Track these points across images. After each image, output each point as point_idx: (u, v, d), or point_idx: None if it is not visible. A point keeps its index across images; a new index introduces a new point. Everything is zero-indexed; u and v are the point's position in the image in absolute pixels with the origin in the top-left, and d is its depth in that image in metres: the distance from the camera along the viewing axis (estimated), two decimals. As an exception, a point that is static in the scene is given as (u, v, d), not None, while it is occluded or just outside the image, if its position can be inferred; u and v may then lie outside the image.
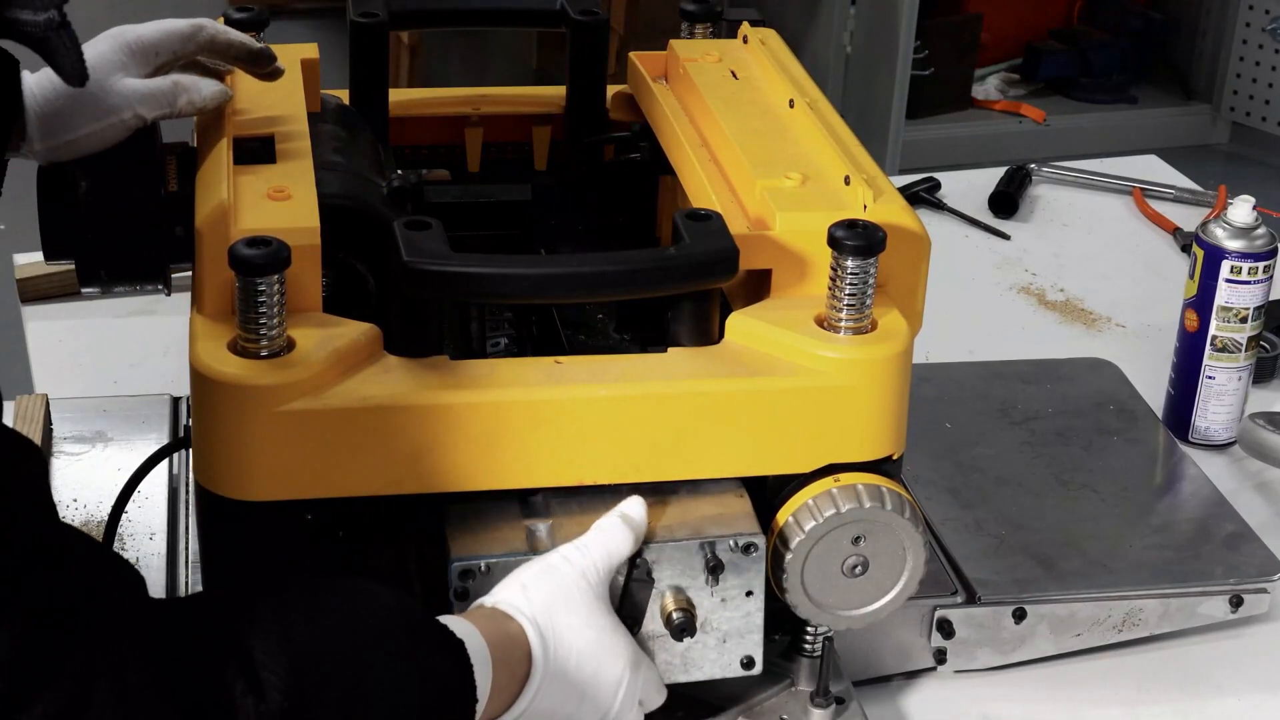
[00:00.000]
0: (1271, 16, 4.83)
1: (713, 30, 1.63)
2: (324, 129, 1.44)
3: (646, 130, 1.54)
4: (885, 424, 1.28)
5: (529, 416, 1.22)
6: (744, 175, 1.37)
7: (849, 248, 1.24)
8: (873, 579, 1.29)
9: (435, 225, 1.23)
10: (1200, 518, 1.66)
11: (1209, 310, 1.84)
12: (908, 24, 4.34)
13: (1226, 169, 4.78)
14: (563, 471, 1.25)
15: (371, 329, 1.24)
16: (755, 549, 1.26)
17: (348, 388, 1.20)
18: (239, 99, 1.42)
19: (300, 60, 1.50)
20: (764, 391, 1.25)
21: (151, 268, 1.35)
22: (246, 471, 1.21)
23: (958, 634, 1.50)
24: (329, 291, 1.28)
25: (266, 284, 1.18)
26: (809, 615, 1.29)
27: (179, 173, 1.35)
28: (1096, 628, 1.54)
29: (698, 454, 1.26)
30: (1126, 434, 1.77)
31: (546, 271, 1.28)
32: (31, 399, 1.66)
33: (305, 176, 1.31)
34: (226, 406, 1.20)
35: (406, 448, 1.21)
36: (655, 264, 1.28)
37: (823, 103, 1.47)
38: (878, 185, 1.33)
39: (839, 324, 1.27)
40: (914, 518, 1.28)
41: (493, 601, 1.19)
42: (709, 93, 1.49)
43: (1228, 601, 1.56)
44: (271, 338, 1.19)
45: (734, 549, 1.25)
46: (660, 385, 1.24)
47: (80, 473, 1.60)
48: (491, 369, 1.25)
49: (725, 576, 1.25)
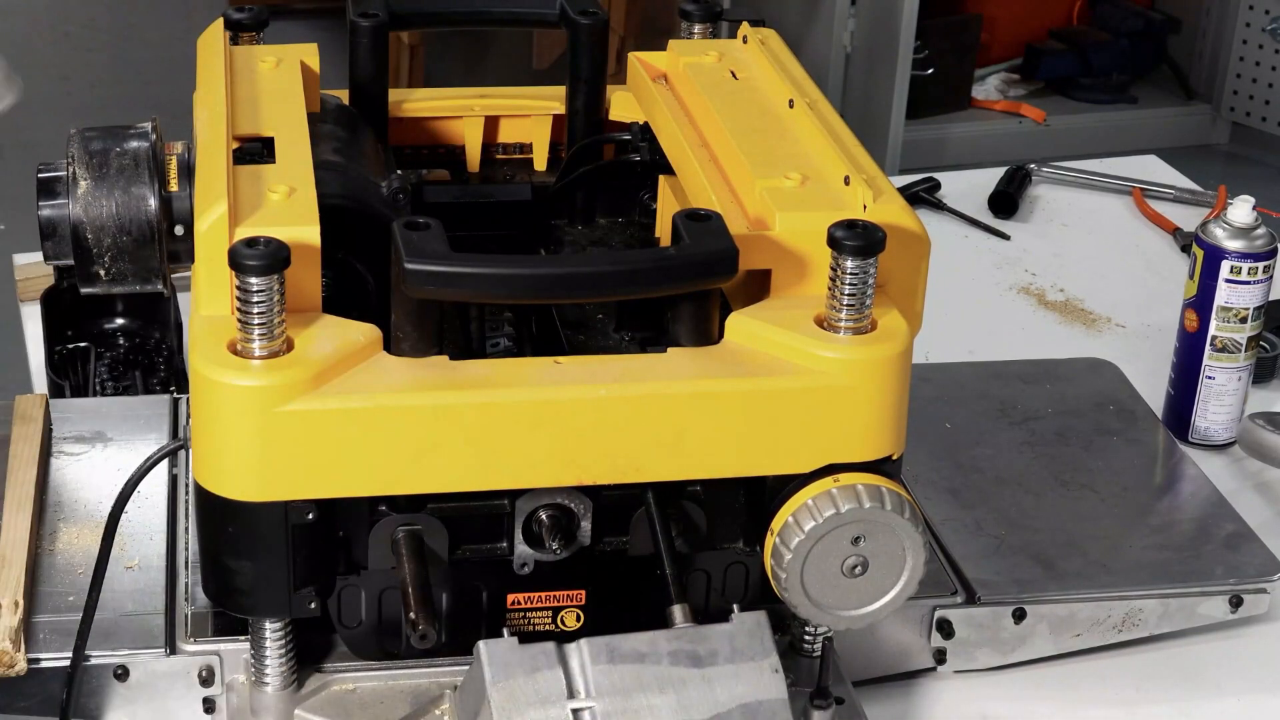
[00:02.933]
0: (1271, 16, 4.83)
1: (712, 30, 1.63)
2: (324, 129, 1.44)
3: (646, 130, 1.54)
4: (885, 424, 1.27)
5: (529, 416, 1.22)
6: (744, 175, 1.37)
7: (849, 248, 1.24)
8: (872, 579, 1.29)
9: (435, 225, 1.23)
10: (1200, 518, 1.66)
11: (1209, 310, 1.84)
12: (908, 24, 4.34)
13: (1226, 169, 4.77)
14: (562, 472, 1.25)
15: (371, 329, 1.24)
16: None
17: (347, 388, 1.20)
18: (239, 99, 1.42)
19: (300, 60, 1.50)
20: (764, 391, 1.25)
21: (151, 269, 1.35)
22: (246, 471, 1.21)
23: (957, 634, 1.50)
24: (328, 291, 1.28)
25: (266, 285, 1.18)
26: (809, 615, 1.29)
27: (179, 172, 1.35)
28: (1096, 628, 1.54)
29: (697, 454, 1.26)
30: (1126, 434, 1.77)
31: (546, 271, 1.28)
32: (31, 399, 1.65)
33: (305, 176, 1.31)
34: (226, 407, 1.20)
35: (406, 448, 1.21)
36: (655, 264, 1.28)
37: (822, 103, 1.47)
38: (877, 185, 1.33)
39: (839, 324, 1.27)
40: (914, 518, 1.28)
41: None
42: (709, 93, 1.49)
43: (1227, 601, 1.56)
44: (271, 338, 1.19)
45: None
46: (660, 385, 1.24)
47: (80, 473, 1.60)
48: (491, 369, 1.25)
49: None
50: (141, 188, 1.33)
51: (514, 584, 1.32)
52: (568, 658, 1.21)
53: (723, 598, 1.34)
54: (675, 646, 1.23)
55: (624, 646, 1.22)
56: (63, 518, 1.53)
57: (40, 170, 1.35)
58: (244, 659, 1.37)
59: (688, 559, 1.31)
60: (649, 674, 1.21)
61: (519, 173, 1.62)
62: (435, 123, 1.61)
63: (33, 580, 1.44)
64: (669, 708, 1.21)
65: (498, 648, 1.20)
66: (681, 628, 1.25)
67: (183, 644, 1.39)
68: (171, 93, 3.61)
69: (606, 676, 1.21)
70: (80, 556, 1.47)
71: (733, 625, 1.25)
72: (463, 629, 1.33)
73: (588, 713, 1.19)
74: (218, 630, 1.39)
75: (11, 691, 1.37)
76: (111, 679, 1.38)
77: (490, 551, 1.30)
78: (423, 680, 1.36)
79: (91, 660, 1.37)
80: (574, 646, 1.21)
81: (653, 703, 1.21)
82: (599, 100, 1.59)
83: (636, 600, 1.33)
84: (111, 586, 1.40)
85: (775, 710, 1.22)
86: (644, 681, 1.21)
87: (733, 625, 1.25)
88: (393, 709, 1.35)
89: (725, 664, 1.23)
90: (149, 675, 1.38)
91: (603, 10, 1.57)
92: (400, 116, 1.59)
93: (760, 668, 1.23)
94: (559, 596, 1.33)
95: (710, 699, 1.21)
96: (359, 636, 1.33)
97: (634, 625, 1.27)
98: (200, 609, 1.41)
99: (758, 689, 1.22)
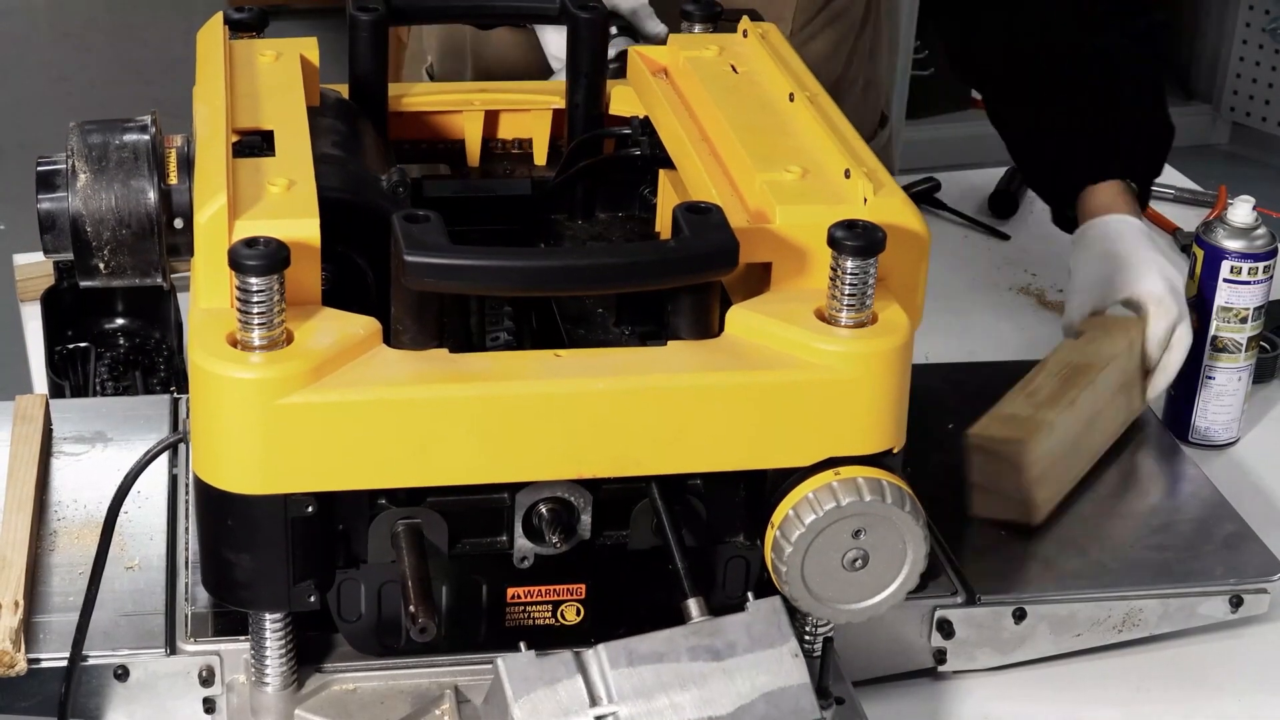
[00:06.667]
0: (1271, 16, 4.83)
1: (713, 30, 1.63)
2: (323, 123, 1.44)
3: (646, 124, 1.54)
4: (885, 417, 1.27)
5: (529, 409, 1.22)
6: (744, 169, 1.37)
7: (849, 248, 1.24)
8: (873, 573, 1.29)
9: (434, 218, 1.23)
10: (1200, 518, 1.66)
11: (1209, 310, 1.84)
12: (908, 24, 4.34)
13: (1226, 169, 4.77)
14: (562, 465, 1.25)
15: (371, 322, 1.24)
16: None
17: (346, 381, 1.20)
18: (239, 92, 1.42)
19: (300, 54, 1.50)
20: (764, 385, 1.25)
21: (150, 262, 1.35)
22: (245, 464, 1.21)
23: (958, 634, 1.50)
24: (328, 285, 1.28)
25: (265, 284, 1.18)
26: (809, 609, 1.29)
27: (178, 166, 1.35)
28: (1096, 628, 1.54)
29: (698, 447, 1.25)
30: (1126, 434, 1.76)
31: (546, 264, 1.28)
32: (31, 399, 1.65)
33: (305, 170, 1.31)
34: (225, 400, 1.20)
35: (405, 441, 1.21)
36: (655, 257, 1.27)
37: (823, 96, 1.47)
38: (878, 179, 1.33)
39: (839, 318, 1.26)
40: (914, 511, 1.27)
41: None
42: (709, 86, 1.48)
43: (1227, 601, 1.56)
44: (271, 333, 1.19)
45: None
46: (660, 378, 1.24)
47: (80, 473, 1.60)
48: (491, 362, 1.25)
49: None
50: (141, 181, 1.33)
51: (514, 578, 1.32)
52: (587, 665, 1.20)
53: (723, 592, 1.33)
54: (693, 643, 1.22)
55: (642, 648, 1.21)
56: (62, 518, 1.53)
57: (39, 163, 1.34)
58: (244, 659, 1.36)
59: (695, 552, 1.31)
60: (669, 673, 1.21)
61: (519, 167, 1.62)
62: (435, 117, 1.61)
63: (33, 580, 1.44)
64: (692, 704, 1.20)
65: (516, 662, 1.20)
66: (698, 622, 1.24)
67: (183, 644, 1.39)
68: (171, 92, 3.60)
69: (627, 680, 1.20)
70: (80, 556, 1.47)
71: (749, 614, 1.24)
72: (462, 623, 1.32)
73: (611, 718, 1.19)
74: (218, 630, 1.39)
75: (11, 691, 1.37)
76: (111, 679, 1.38)
77: (490, 545, 1.30)
78: (423, 680, 1.36)
79: (91, 660, 1.37)
80: (592, 653, 1.21)
81: (675, 701, 1.20)
82: (599, 94, 1.59)
83: (637, 594, 1.32)
84: (111, 586, 1.40)
85: (798, 695, 1.22)
86: (665, 681, 1.21)
87: (749, 614, 1.24)
88: (393, 709, 1.34)
89: (745, 654, 1.22)
90: (149, 675, 1.38)
91: (602, 4, 1.57)
92: (400, 111, 1.59)
93: (780, 654, 1.23)
94: (559, 590, 1.33)
95: (732, 691, 1.21)
96: (358, 631, 1.32)
97: (634, 619, 1.26)
98: (200, 609, 1.41)
99: (779, 676, 1.22)
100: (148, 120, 1.37)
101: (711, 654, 1.22)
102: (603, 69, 1.58)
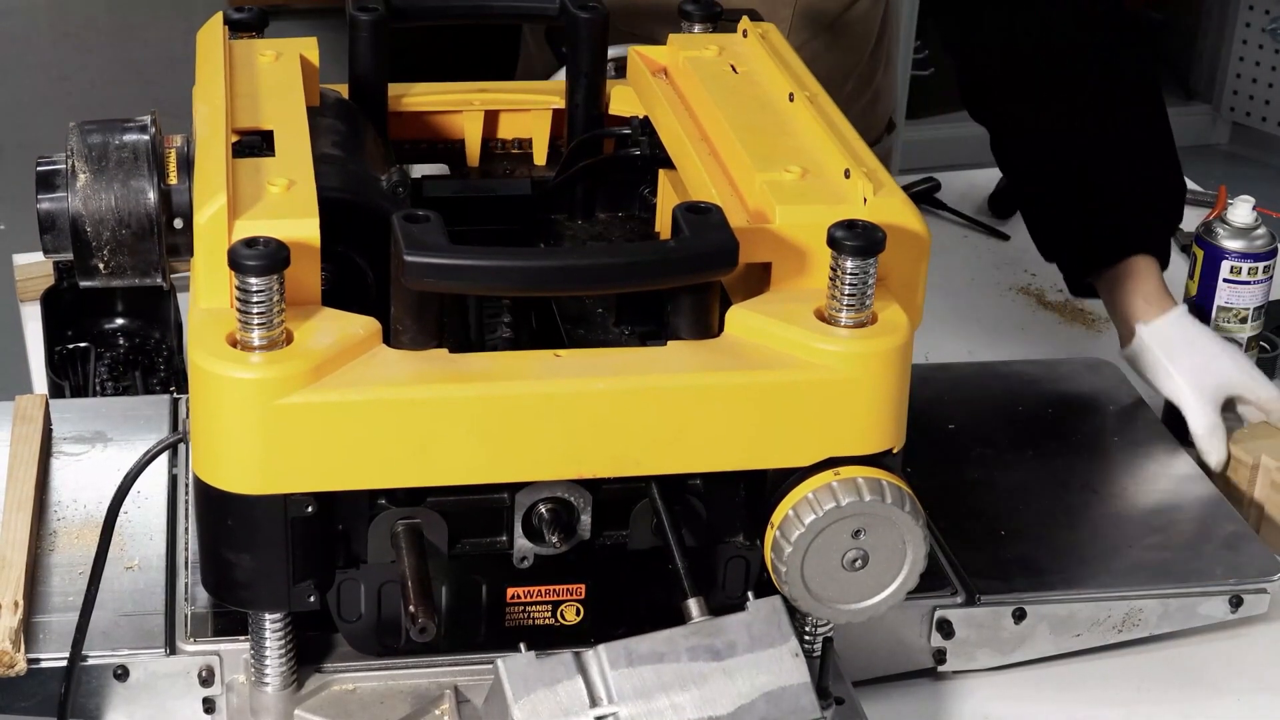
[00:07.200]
0: (1271, 16, 4.83)
1: (713, 30, 1.63)
2: (323, 123, 1.44)
3: (646, 124, 1.54)
4: (885, 417, 1.27)
5: (528, 409, 1.22)
6: (744, 168, 1.37)
7: (849, 248, 1.24)
8: (873, 573, 1.29)
9: (434, 218, 1.23)
10: (1200, 518, 1.66)
11: (1209, 310, 1.84)
12: (908, 24, 4.34)
13: (1226, 169, 4.77)
14: (562, 465, 1.25)
15: (371, 322, 1.24)
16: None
17: (346, 380, 1.20)
18: (238, 92, 1.42)
19: (300, 54, 1.50)
20: (764, 384, 1.25)
21: (150, 262, 1.35)
22: (245, 464, 1.21)
23: (957, 634, 1.50)
24: (328, 285, 1.28)
25: (265, 285, 1.18)
26: (809, 609, 1.29)
27: (178, 166, 1.35)
28: (1096, 628, 1.54)
29: (698, 447, 1.25)
30: (1126, 434, 1.77)
31: (546, 264, 1.28)
32: (31, 399, 1.65)
33: (305, 170, 1.31)
34: (225, 399, 1.20)
35: (405, 441, 1.21)
36: (655, 257, 1.27)
37: (822, 96, 1.47)
38: (878, 179, 1.33)
39: (839, 318, 1.26)
40: (914, 511, 1.27)
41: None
42: (709, 86, 1.48)
43: (1227, 601, 1.56)
44: (270, 333, 1.19)
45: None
46: (660, 378, 1.24)
47: (80, 473, 1.60)
48: (491, 362, 1.25)
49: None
50: (141, 180, 1.33)
51: (513, 578, 1.32)
52: (587, 666, 1.20)
53: (723, 592, 1.33)
54: (693, 643, 1.22)
55: (641, 648, 1.21)
56: (62, 518, 1.53)
57: (39, 163, 1.34)
58: (244, 659, 1.36)
59: (695, 552, 1.31)
60: (669, 673, 1.21)
61: (519, 167, 1.62)
62: (435, 117, 1.61)
63: (33, 580, 1.44)
64: (692, 704, 1.20)
65: (516, 663, 1.20)
66: (698, 622, 1.24)
67: (183, 644, 1.39)
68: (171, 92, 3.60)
69: (627, 680, 1.20)
70: (80, 556, 1.47)
71: (748, 613, 1.24)
72: (462, 623, 1.32)
73: (612, 718, 1.19)
74: (218, 630, 1.39)
75: (11, 691, 1.37)
76: (111, 679, 1.38)
77: (490, 545, 1.30)
78: (423, 680, 1.36)
79: (91, 660, 1.37)
80: (592, 654, 1.21)
81: (675, 701, 1.20)
82: (599, 94, 1.59)
83: (637, 594, 1.32)
84: (111, 586, 1.40)
85: (798, 695, 1.22)
86: (665, 681, 1.21)
87: (748, 613, 1.24)
88: (393, 709, 1.34)
89: (745, 654, 1.22)
90: (149, 675, 1.38)
91: (602, 4, 1.57)
92: (400, 111, 1.59)
93: (780, 654, 1.23)
94: (559, 590, 1.33)
95: (732, 691, 1.21)
96: (358, 631, 1.32)
97: (634, 619, 1.27)
98: (200, 609, 1.41)
99: (779, 675, 1.22)
100: (148, 120, 1.37)
101: (711, 654, 1.22)
102: (602, 69, 1.58)
